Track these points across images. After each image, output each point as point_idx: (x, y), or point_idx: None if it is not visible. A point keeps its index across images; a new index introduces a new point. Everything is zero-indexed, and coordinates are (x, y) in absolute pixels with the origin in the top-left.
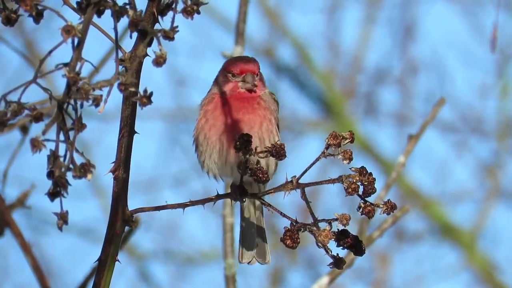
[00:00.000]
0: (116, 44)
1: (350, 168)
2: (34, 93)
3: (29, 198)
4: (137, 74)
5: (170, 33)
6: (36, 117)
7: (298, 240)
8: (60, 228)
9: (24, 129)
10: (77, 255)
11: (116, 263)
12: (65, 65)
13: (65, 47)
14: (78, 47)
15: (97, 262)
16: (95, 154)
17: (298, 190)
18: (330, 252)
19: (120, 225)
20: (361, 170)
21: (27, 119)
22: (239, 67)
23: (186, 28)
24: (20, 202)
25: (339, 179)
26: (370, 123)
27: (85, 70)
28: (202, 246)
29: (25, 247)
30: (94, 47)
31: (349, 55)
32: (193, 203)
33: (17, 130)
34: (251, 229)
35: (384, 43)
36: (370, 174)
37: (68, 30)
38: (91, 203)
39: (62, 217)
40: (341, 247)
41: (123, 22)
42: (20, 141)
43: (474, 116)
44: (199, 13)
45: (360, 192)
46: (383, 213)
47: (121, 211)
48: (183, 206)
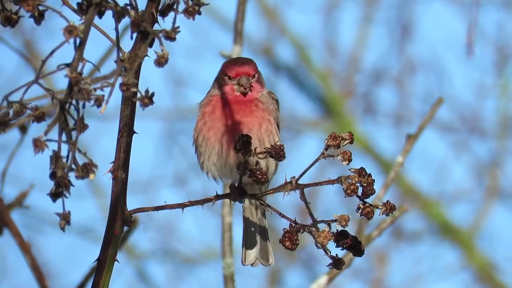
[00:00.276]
0: (117, 45)
1: (349, 169)
2: (34, 93)
3: (28, 197)
4: (137, 74)
5: (172, 34)
6: (38, 117)
7: (297, 242)
8: (63, 229)
9: (23, 129)
10: (75, 255)
11: (115, 263)
12: (67, 65)
13: (63, 47)
14: (80, 48)
15: (96, 262)
16: (94, 154)
17: (297, 191)
18: (329, 253)
19: (119, 225)
20: (360, 171)
21: (26, 118)
22: (234, 70)
23: (184, 28)
24: (19, 201)
25: (338, 180)
26: (368, 123)
27: (85, 70)
28: (200, 246)
29: (24, 247)
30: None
31: (347, 55)
32: (192, 204)
33: (15, 129)
34: (254, 230)
35: (382, 43)
36: (369, 175)
37: (70, 31)
38: (90, 203)
39: (65, 218)
40: (340, 247)
41: (122, 23)
42: (19, 141)
43: (473, 116)
44: (200, 13)
45: (359, 193)
46: (382, 214)
47: (120, 211)
48: (182, 206)
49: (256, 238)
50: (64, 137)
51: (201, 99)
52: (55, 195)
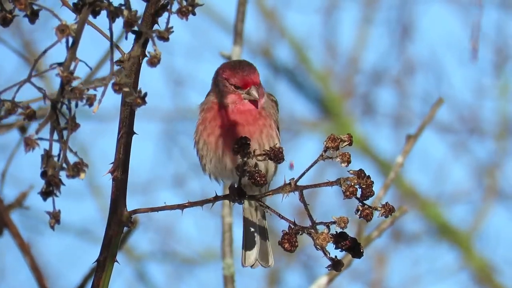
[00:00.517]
0: (111, 45)
1: (348, 171)
2: (34, 94)
3: (27, 198)
4: (136, 74)
5: (165, 34)
6: (29, 116)
7: (296, 244)
8: (52, 227)
9: (23, 129)
10: (75, 256)
11: (115, 263)
12: (59, 64)
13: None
14: (73, 47)
15: (96, 263)
16: (94, 154)
17: (296, 192)
18: (328, 255)
19: (119, 226)
20: (359, 173)
21: (18, 117)
22: (241, 79)
23: (184, 28)
24: (19, 202)
25: (337, 182)
26: (367, 124)
27: (84, 71)
28: (200, 247)
29: (24, 248)
30: (97, 48)
31: (346, 56)
32: (191, 204)
33: (15, 130)
34: (253, 231)
35: (382, 44)
36: (368, 177)
37: (62, 30)
38: (89, 204)
39: (55, 216)
40: (340, 249)
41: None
42: (18, 141)
43: (472, 117)
44: (194, 14)
45: (358, 195)
46: (381, 216)
47: (120, 211)
48: (181, 207)
49: (256, 239)
50: (55, 136)
51: (201, 100)
52: (45, 193)
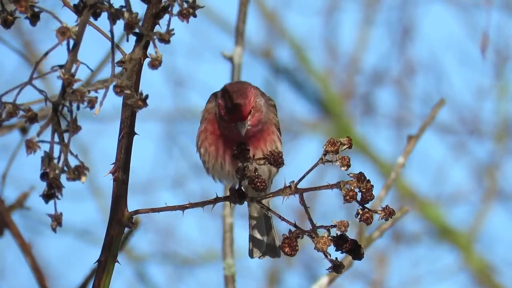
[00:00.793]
0: (112, 47)
1: (348, 174)
2: (35, 96)
3: (28, 199)
4: (137, 76)
5: (166, 36)
6: (31, 118)
7: (297, 248)
8: (54, 230)
9: (24, 130)
10: (75, 257)
11: (115, 264)
12: (61, 67)
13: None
14: (74, 49)
15: (97, 263)
16: (95, 155)
17: (297, 195)
18: (329, 257)
19: (120, 227)
20: (359, 177)
21: (19, 119)
22: (229, 116)
23: (185, 29)
24: (20, 203)
25: (337, 185)
26: (367, 125)
27: (84, 73)
28: (200, 247)
29: (25, 248)
30: (98, 49)
31: (347, 57)
32: (192, 205)
33: (16, 131)
34: (260, 224)
35: (382, 45)
36: (368, 181)
37: (63, 32)
38: (90, 205)
39: (56, 219)
40: (340, 251)
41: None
42: (19, 142)
43: (472, 118)
44: (195, 16)
45: (358, 198)
46: (381, 219)
47: (121, 212)
48: (182, 208)
49: (263, 231)
50: (56, 139)
51: (201, 99)
52: (47, 196)
